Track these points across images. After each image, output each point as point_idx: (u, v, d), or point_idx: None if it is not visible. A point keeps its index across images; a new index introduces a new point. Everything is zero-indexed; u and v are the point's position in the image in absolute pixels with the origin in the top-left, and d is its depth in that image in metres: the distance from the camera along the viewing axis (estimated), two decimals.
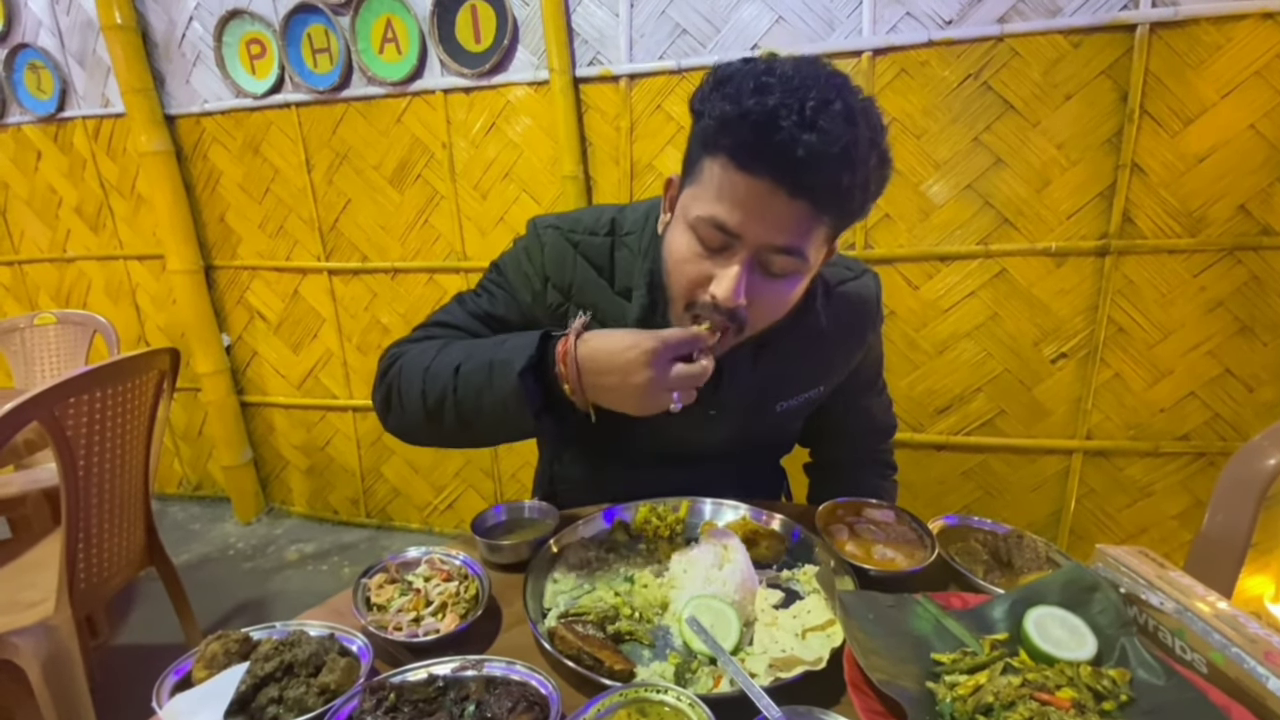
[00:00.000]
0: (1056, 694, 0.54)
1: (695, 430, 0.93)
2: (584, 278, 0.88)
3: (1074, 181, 1.76)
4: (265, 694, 0.57)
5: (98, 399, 1.30)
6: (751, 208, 0.68)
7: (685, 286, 0.76)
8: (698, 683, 0.61)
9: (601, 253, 0.88)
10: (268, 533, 2.74)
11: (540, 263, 0.89)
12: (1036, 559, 0.76)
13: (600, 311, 0.87)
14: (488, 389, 0.77)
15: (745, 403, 0.93)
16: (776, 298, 0.75)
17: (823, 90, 0.65)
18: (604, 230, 0.89)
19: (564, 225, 0.90)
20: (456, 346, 0.83)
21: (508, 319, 0.90)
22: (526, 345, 0.76)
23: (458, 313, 0.91)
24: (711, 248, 0.72)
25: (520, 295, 0.91)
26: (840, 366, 0.99)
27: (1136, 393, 1.86)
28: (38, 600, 1.37)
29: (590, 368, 0.74)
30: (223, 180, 2.48)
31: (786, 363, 0.92)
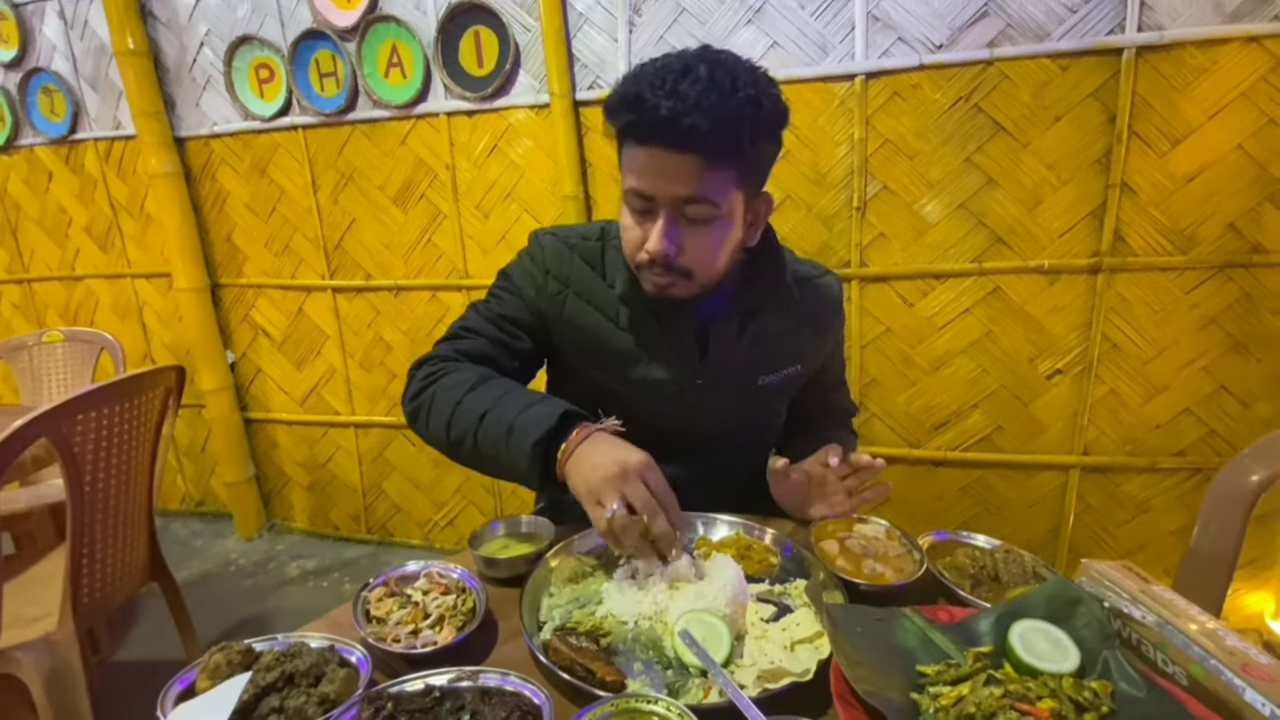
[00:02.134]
0: (1038, 705, 0.56)
1: (685, 407, 1.01)
2: (580, 272, 1.00)
3: (1065, 201, 1.79)
4: (267, 703, 0.59)
5: (105, 416, 1.33)
6: (653, 171, 0.80)
7: (630, 250, 0.89)
8: (688, 694, 0.62)
9: (594, 254, 1.01)
10: (269, 549, 2.75)
11: (542, 260, 1.00)
12: (1023, 573, 0.77)
13: (594, 299, 1.00)
14: (504, 446, 0.82)
15: (731, 375, 1.01)
16: (704, 242, 0.86)
17: (687, 62, 0.78)
18: (594, 237, 1.02)
19: (560, 233, 1.03)
20: (488, 388, 0.89)
21: (517, 317, 1.01)
22: (545, 418, 0.81)
23: (475, 319, 1.01)
24: (641, 213, 0.85)
25: (526, 293, 1.01)
26: (814, 348, 1.09)
27: (1132, 409, 1.88)
28: (41, 615, 1.38)
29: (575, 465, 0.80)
30: (230, 200, 2.53)
31: (769, 337, 1.02)
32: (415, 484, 2.59)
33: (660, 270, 0.87)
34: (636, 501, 0.74)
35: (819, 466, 0.94)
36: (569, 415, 0.83)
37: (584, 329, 1.00)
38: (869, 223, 1.92)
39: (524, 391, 0.89)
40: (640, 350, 0.99)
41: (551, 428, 0.80)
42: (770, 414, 1.13)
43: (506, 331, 1.00)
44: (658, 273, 0.88)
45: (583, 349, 1.02)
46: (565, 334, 1.02)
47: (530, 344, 1.02)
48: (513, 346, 1.00)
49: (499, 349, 0.99)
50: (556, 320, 1.01)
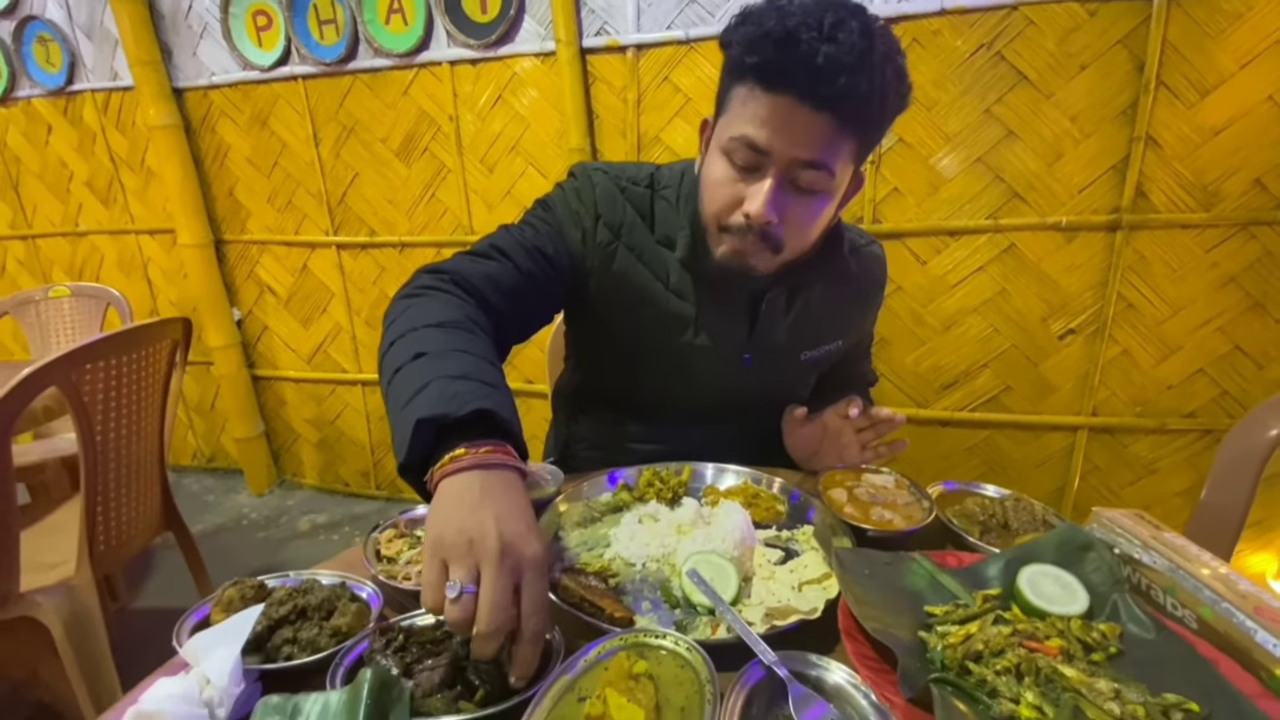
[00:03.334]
0: (1045, 643, 0.56)
1: (727, 379, 0.97)
2: (632, 220, 0.91)
3: (1087, 154, 1.74)
4: (280, 635, 0.60)
5: (113, 366, 1.33)
6: (778, 124, 0.72)
7: (719, 208, 0.80)
8: (696, 631, 0.63)
9: (644, 202, 0.92)
10: (280, 504, 2.79)
11: (592, 201, 0.91)
12: (1033, 521, 0.77)
13: (645, 256, 0.91)
14: (405, 403, 0.62)
15: (776, 350, 0.97)
16: (806, 214, 0.79)
17: (838, 11, 0.69)
18: (644, 182, 0.93)
19: (611, 171, 0.94)
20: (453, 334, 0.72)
21: (553, 255, 0.89)
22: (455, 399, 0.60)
23: (508, 241, 0.87)
24: (743, 168, 0.76)
25: (568, 232, 0.91)
26: (858, 322, 1.05)
27: (1144, 369, 1.86)
28: (59, 561, 1.41)
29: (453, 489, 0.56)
30: (231, 154, 2.49)
31: (816, 312, 0.97)
32: None
33: (753, 238, 0.79)
34: (487, 597, 0.50)
35: (836, 417, 0.93)
36: (489, 418, 0.60)
37: (632, 287, 0.92)
38: (883, 177, 1.88)
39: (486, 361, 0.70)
40: (690, 317, 0.93)
41: (453, 416, 0.58)
42: (804, 387, 1.10)
43: (540, 266, 0.87)
44: (749, 240, 0.79)
45: (627, 309, 0.93)
46: (609, 290, 0.92)
47: (559, 288, 0.90)
48: (542, 285, 0.88)
49: (529, 283, 0.86)
50: (601, 273, 0.91)
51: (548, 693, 0.52)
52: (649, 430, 1.05)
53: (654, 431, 1.05)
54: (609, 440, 1.09)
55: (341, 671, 0.55)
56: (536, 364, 2.35)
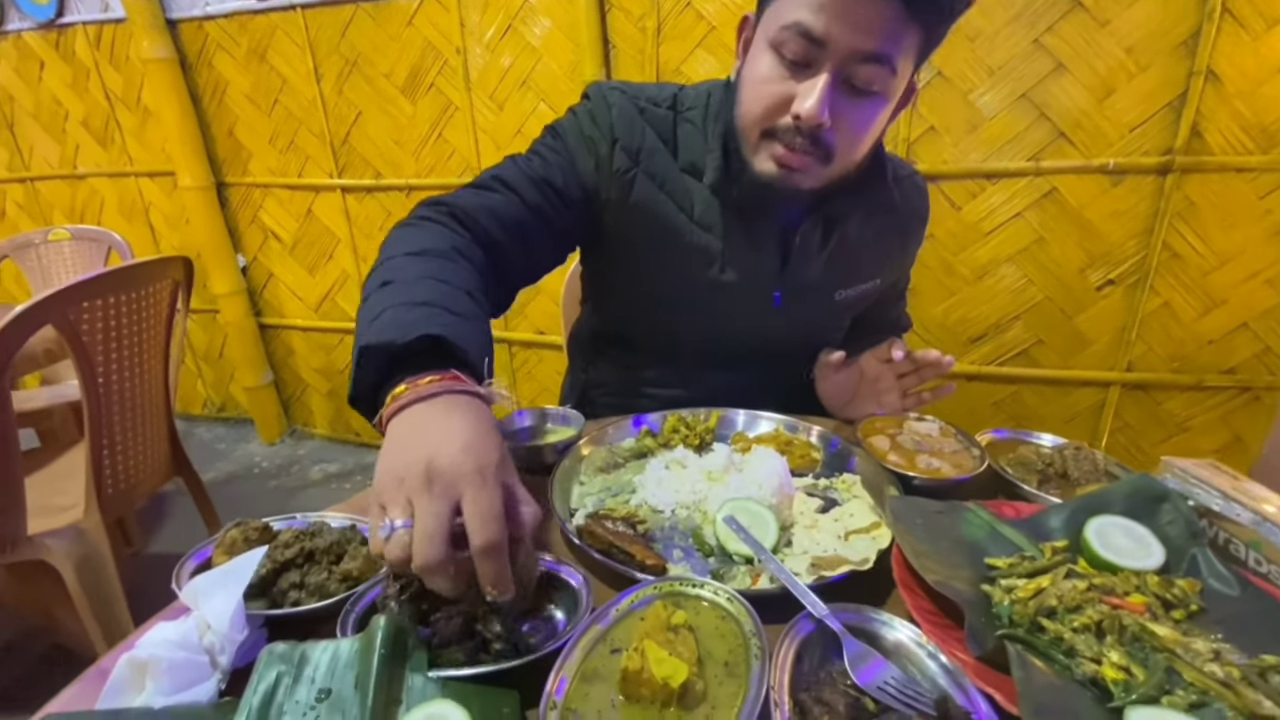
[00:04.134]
0: (1126, 599, 0.50)
1: (755, 319, 0.91)
2: (652, 145, 0.84)
3: (1141, 90, 1.61)
4: (286, 579, 0.55)
5: (112, 304, 1.28)
6: (838, 9, 0.64)
7: (765, 109, 0.72)
8: (734, 580, 0.58)
9: (665, 125, 0.84)
10: (291, 453, 2.78)
11: (608, 124, 0.83)
12: (1095, 472, 0.71)
13: (668, 184, 0.84)
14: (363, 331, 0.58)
15: (809, 287, 0.91)
16: (861, 119, 0.71)
17: None
18: (666, 103, 0.85)
19: (629, 90, 0.85)
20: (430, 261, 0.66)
21: (563, 187, 0.82)
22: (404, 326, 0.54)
23: (514, 172, 0.81)
24: (794, 63, 0.68)
25: (581, 161, 0.84)
26: (897, 258, 0.99)
27: (1185, 323, 1.77)
28: (68, 505, 1.39)
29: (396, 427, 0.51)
30: (229, 91, 2.38)
31: (854, 246, 0.90)
32: None
33: (801, 144, 0.70)
34: (416, 530, 0.45)
35: (875, 361, 0.86)
36: (441, 344, 0.54)
37: (653, 219, 0.84)
38: (919, 114, 1.76)
39: (452, 288, 0.63)
40: (717, 251, 0.85)
41: (397, 345, 0.53)
42: (837, 330, 1.03)
43: (548, 199, 0.80)
44: (796, 148, 0.71)
45: (648, 243, 0.86)
46: (627, 222, 0.85)
47: (569, 223, 0.83)
48: (550, 219, 0.80)
49: (535, 217, 0.79)
50: (619, 204, 0.84)
51: (578, 643, 0.47)
52: (669, 375, 0.99)
53: (675, 376, 0.99)
54: (627, 386, 1.03)
55: (353, 619, 0.51)
56: (548, 315, 2.29)
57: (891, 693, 0.43)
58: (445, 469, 0.46)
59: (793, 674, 0.45)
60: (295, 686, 0.44)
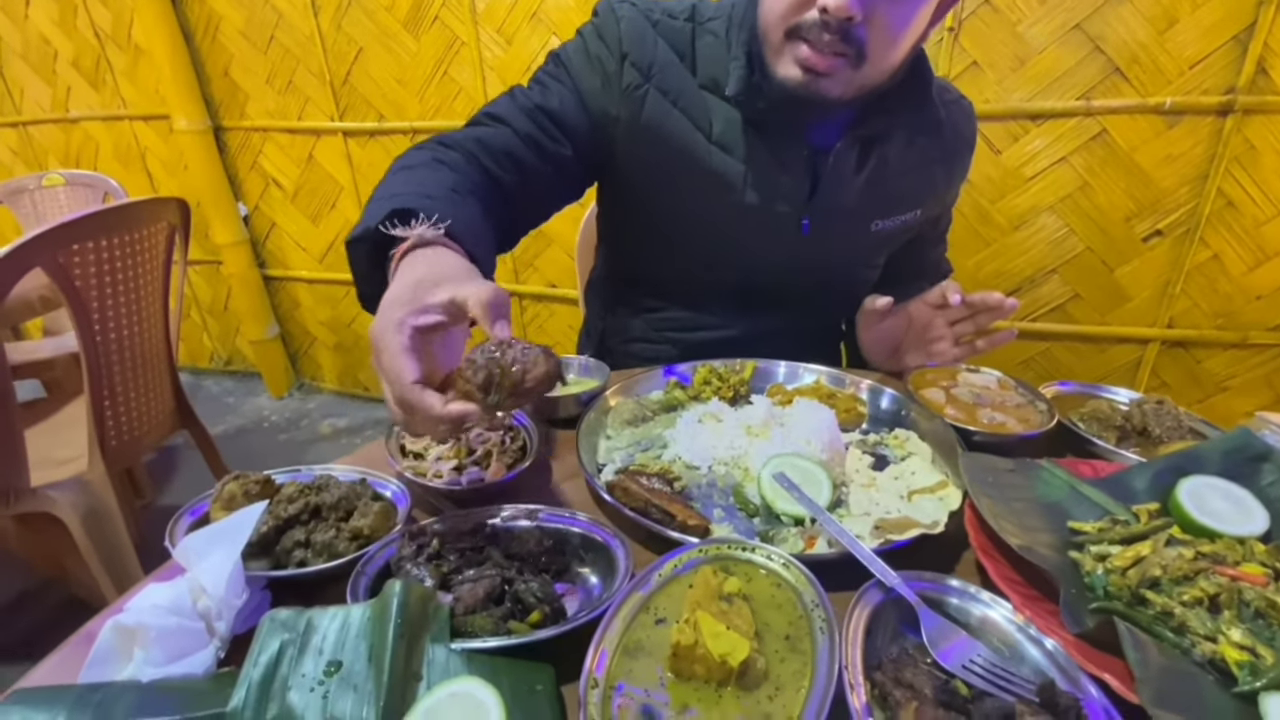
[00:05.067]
0: (1242, 569, 0.44)
1: (781, 249, 0.84)
2: (666, 59, 0.77)
3: (1206, 21, 1.48)
4: (290, 536, 0.50)
5: (104, 247, 1.21)
6: None
7: (789, 4, 0.65)
8: (785, 544, 0.52)
9: (682, 38, 0.77)
10: (300, 407, 2.75)
11: (616, 38, 0.77)
12: (1178, 428, 0.64)
13: (683, 101, 0.77)
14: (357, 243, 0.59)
15: (842, 215, 0.83)
16: (899, 13, 0.64)
17: None
18: (684, 15, 0.78)
19: (641, 3, 0.78)
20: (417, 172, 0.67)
21: (563, 114, 0.77)
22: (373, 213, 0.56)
23: (507, 105, 0.78)
24: None
25: (586, 82, 0.78)
26: (941, 188, 0.90)
27: (1234, 277, 1.67)
28: (72, 457, 1.36)
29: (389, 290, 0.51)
30: (223, 27, 2.25)
31: (894, 170, 0.82)
32: None
33: (830, 41, 0.63)
34: None
35: (926, 307, 0.79)
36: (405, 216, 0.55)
37: (666, 140, 0.78)
38: (961, 48, 1.63)
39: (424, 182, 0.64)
40: (738, 174, 0.78)
41: (370, 228, 0.55)
42: (870, 265, 0.95)
43: (543, 129, 0.76)
44: (824, 45, 0.63)
45: (662, 166, 0.79)
46: (639, 144, 0.79)
47: (570, 151, 0.78)
48: (546, 149, 0.76)
49: (528, 147, 0.75)
50: (630, 124, 0.77)
51: (618, 612, 0.42)
52: (693, 317, 0.93)
53: (698, 318, 0.92)
54: (648, 331, 0.97)
55: (364, 582, 0.46)
56: (560, 266, 2.20)
57: (982, 674, 0.38)
58: (371, 339, 0.50)
59: (865, 650, 0.39)
60: (301, 658, 0.39)
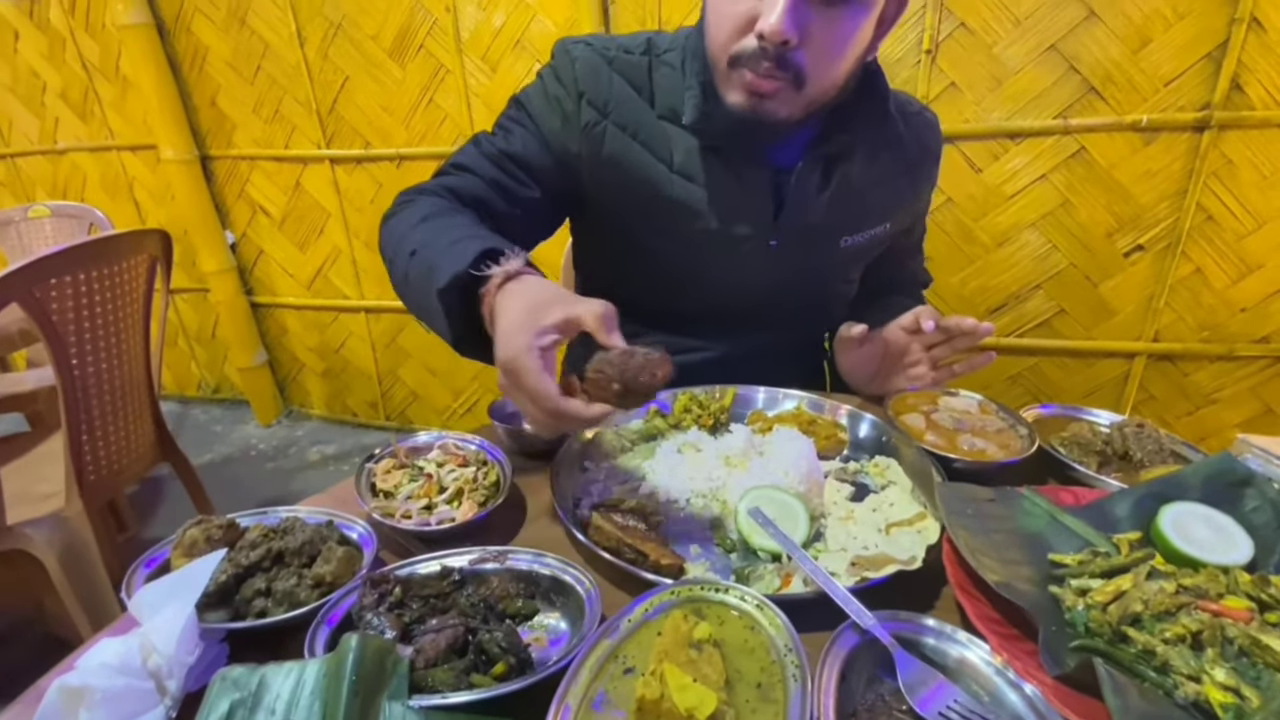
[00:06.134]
0: (1225, 604, 0.43)
1: (751, 272, 0.84)
2: (622, 94, 0.78)
3: (1179, 40, 1.50)
4: (250, 585, 0.48)
5: (82, 281, 1.20)
6: None
7: (730, 32, 0.66)
8: (761, 581, 0.51)
9: (639, 72, 0.78)
10: (288, 434, 2.72)
11: (572, 79, 0.78)
12: (1160, 452, 0.64)
13: (642, 134, 0.78)
14: (428, 292, 0.62)
15: (810, 234, 0.83)
16: (834, 32, 0.64)
17: None
18: (639, 50, 0.79)
19: (596, 43, 0.80)
20: (436, 223, 0.69)
21: (527, 157, 0.80)
22: (459, 257, 0.59)
23: (472, 154, 0.81)
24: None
25: (547, 124, 0.80)
26: (909, 199, 0.90)
27: (1217, 290, 1.68)
28: (50, 493, 1.33)
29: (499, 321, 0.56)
30: (210, 57, 2.26)
31: (859, 186, 0.82)
32: (432, 371, 2.50)
33: (768, 66, 0.64)
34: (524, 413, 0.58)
35: (903, 332, 0.79)
36: (493, 255, 0.60)
37: (629, 171, 0.79)
38: (939, 69, 1.65)
39: (470, 226, 0.68)
40: (701, 201, 0.79)
41: (460, 271, 0.58)
42: (845, 281, 0.95)
43: (508, 172, 0.79)
44: (763, 71, 0.64)
45: (626, 198, 0.81)
46: (603, 179, 0.81)
47: (538, 193, 0.80)
48: (514, 193, 0.79)
49: (496, 192, 0.78)
50: (591, 161, 0.79)
51: (584, 663, 0.41)
52: (671, 341, 0.91)
53: (677, 342, 0.91)
54: None
55: (324, 633, 0.44)
56: None
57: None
58: (502, 367, 0.54)
59: (839, 698, 0.38)
60: (252, 719, 0.37)
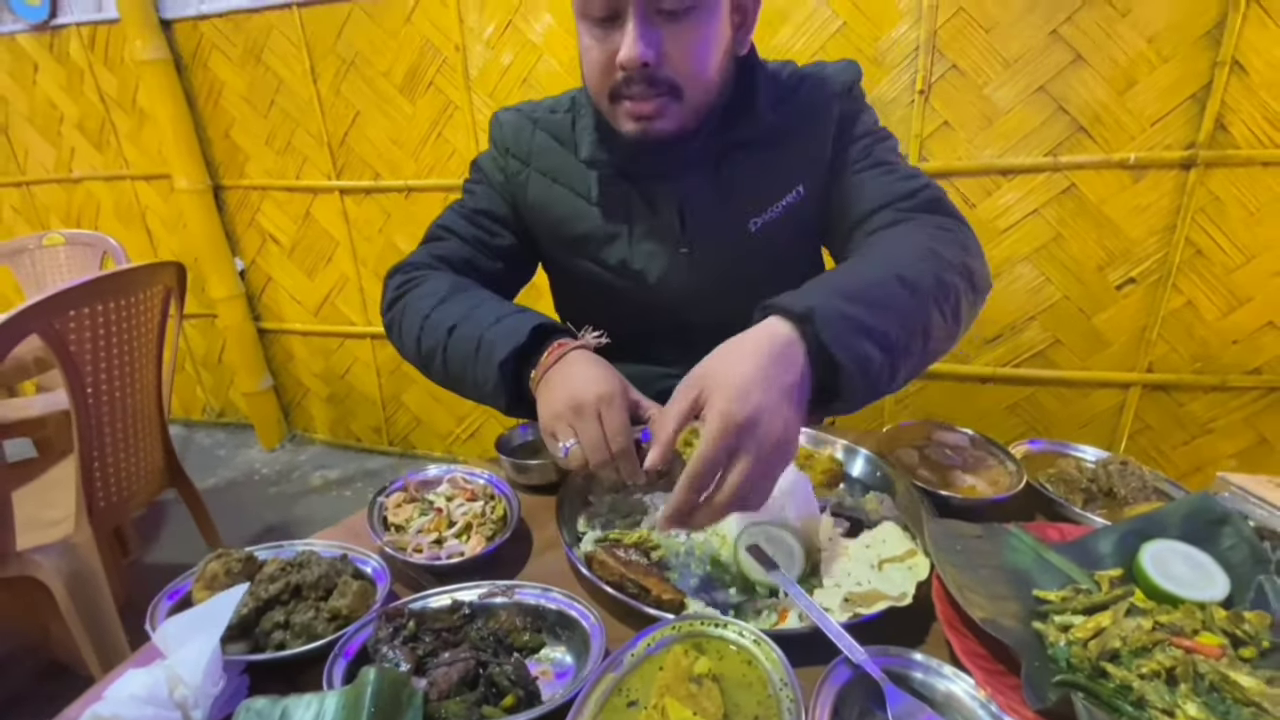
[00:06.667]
0: (1198, 640, 0.46)
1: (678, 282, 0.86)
2: (543, 146, 0.87)
3: (1163, 82, 1.56)
4: (269, 618, 0.51)
5: (100, 313, 1.23)
6: None
7: (598, 75, 0.73)
8: (759, 617, 0.53)
9: (562, 126, 0.87)
10: (291, 459, 2.74)
11: (502, 142, 0.90)
12: (1143, 489, 0.66)
13: (563, 176, 0.87)
14: (472, 364, 0.71)
15: (715, 229, 0.84)
16: (687, 41, 0.70)
17: None
18: (564, 108, 0.88)
19: (524, 108, 0.91)
20: (460, 300, 0.78)
21: (492, 210, 0.90)
22: (515, 333, 0.69)
23: (451, 217, 0.91)
24: (604, 19, 0.69)
25: (494, 179, 0.91)
26: (816, 155, 0.84)
27: (1208, 322, 1.71)
28: (59, 519, 1.35)
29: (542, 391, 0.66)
30: (225, 92, 2.34)
31: (749, 177, 0.83)
32: (435, 397, 2.53)
33: (641, 89, 0.70)
34: (585, 441, 0.61)
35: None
36: (542, 330, 0.70)
37: (551, 210, 0.88)
38: (932, 109, 1.70)
39: (498, 303, 0.77)
40: (616, 226, 0.85)
41: (521, 344, 0.68)
42: (778, 265, 0.88)
43: (483, 228, 0.89)
44: (639, 95, 0.70)
45: (555, 234, 0.89)
46: (535, 220, 0.90)
47: (511, 239, 0.91)
48: (491, 244, 0.90)
49: (477, 249, 0.89)
50: (524, 205, 0.90)
51: (589, 696, 0.43)
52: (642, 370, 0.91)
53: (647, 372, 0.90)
54: None
55: (340, 666, 0.46)
56: None
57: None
58: (586, 400, 0.61)
59: None
60: None
